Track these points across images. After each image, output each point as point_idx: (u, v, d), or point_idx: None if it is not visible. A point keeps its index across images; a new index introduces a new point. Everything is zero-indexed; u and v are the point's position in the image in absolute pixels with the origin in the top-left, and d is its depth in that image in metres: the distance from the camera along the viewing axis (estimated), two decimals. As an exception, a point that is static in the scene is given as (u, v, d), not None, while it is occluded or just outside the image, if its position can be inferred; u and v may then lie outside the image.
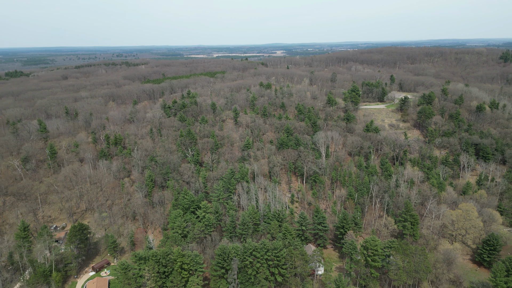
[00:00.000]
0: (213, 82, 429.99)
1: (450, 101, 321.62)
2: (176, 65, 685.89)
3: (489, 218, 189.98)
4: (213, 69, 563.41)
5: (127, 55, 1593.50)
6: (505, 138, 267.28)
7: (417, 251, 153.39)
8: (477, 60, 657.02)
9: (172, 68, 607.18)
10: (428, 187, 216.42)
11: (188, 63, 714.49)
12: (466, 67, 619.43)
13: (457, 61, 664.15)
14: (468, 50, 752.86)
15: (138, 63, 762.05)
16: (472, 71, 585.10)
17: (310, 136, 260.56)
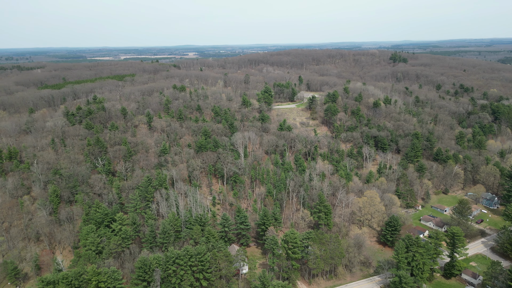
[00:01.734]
0: (122, 85, 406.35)
1: (351, 98, 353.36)
2: (78, 68, 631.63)
3: (390, 202, 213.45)
4: (121, 72, 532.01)
5: (19, 58, 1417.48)
6: (398, 130, 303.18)
7: (332, 239, 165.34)
8: (372, 61, 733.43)
9: (74, 72, 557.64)
10: (338, 178, 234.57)
11: (93, 66, 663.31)
12: (363, 67, 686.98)
13: (355, 62, 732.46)
14: (364, 52, 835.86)
15: (33, 67, 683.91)
16: (368, 71, 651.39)
17: (228, 138, 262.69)
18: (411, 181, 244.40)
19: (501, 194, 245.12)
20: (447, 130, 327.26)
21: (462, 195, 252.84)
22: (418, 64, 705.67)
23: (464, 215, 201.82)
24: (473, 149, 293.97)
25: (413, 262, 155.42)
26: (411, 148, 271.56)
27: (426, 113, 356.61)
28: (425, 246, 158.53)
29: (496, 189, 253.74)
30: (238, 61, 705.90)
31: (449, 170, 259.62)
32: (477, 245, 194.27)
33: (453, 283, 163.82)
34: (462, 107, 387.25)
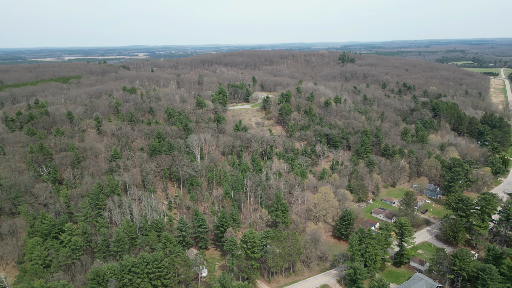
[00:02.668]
0: (67, 88, 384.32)
1: (303, 98, 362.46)
2: (17, 70, 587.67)
3: (343, 197, 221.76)
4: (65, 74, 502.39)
5: None
6: (348, 128, 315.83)
7: (289, 236, 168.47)
8: (322, 61, 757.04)
9: (12, 74, 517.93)
10: (293, 176, 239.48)
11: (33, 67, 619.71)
12: (314, 68, 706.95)
13: (306, 63, 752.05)
14: (314, 53, 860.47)
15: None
16: (319, 71, 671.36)
17: (183, 140, 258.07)
18: (362, 176, 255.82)
19: (442, 185, 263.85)
20: (393, 126, 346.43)
21: (408, 187, 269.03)
22: (365, 64, 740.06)
23: (410, 206, 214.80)
24: (417, 144, 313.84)
25: (366, 254, 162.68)
26: (361, 145, 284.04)
27: (374, 110, 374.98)
28: (376, 238, 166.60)
29: (438, 180, 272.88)
30: (191, 61, 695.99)
31: (396, 164, 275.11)
32: (423, 233, 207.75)
33: (402, 271, 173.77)
34: (405, 104, 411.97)
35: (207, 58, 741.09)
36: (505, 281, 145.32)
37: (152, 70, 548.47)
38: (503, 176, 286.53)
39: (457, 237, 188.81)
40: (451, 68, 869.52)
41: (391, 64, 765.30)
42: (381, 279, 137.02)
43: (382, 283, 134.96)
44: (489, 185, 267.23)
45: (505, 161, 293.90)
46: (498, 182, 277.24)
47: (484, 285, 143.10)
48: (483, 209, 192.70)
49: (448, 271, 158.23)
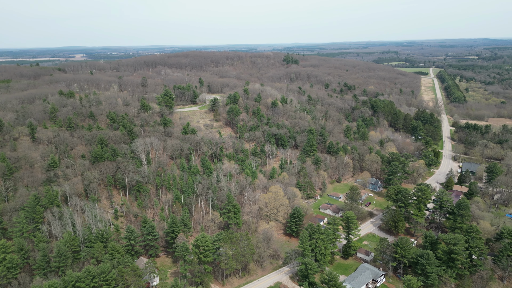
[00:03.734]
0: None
1: (251, 99, 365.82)
2: None
3: (292, 195, 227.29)
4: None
5: None
6: (295, 127, 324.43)
7: (242, 237, 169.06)
8: (267, 63, 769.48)
9: None
10: (244, 177, 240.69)
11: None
12: (260, 69, 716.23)
13: (252, 64, 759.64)
14: (260, 54, 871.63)
15: None
16: (265, 72, 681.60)
17: (127, 145, 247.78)
18: (310, 174, 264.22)
19: (383, 178, 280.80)
20: (336, 124, 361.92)
21: (352, 182, 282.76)
22: (308, 65, 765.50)
23: (355, 200, 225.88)
24: (359, 140, 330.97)
25: (316, 249, 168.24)
26: (307, 143, 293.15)
27: (318, 110, 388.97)
28: (325, 232, 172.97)
29: (379, 174, 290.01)
30: (134, 63, 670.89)
31: (340, 161, 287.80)
32: (368, 225, 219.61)
33: (350, 263, 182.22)
34: (347, 103, 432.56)
35: (151, 59, 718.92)
36: (441, 265, 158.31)
37: (92, 72, 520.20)
38: (435, 168, 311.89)
39: (397, 226, 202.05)
40: (387, 68, 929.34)
41: (333, 65, 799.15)
42: (331, 272, 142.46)
43: (332, 276, 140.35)
44: (423, 177, 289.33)
45: (436, 154, 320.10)
46: (431, 173, 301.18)
47: (423, 270, 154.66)
48: (419, 199, 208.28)
49: (391, 259, 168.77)
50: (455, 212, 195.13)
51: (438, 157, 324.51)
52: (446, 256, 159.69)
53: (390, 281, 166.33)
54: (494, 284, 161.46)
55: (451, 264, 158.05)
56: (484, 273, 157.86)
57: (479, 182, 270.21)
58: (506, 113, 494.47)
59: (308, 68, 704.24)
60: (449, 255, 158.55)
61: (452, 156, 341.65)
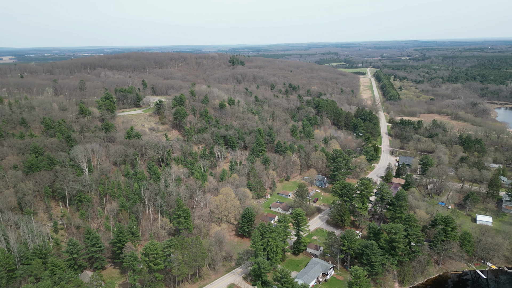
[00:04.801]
0: None
1: (198, 101, 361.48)
2: None
3: (243, 196, 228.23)
4: None
5: None
6: (243, 128, 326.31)
7: (193, 241, 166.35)
8: (213, 64, 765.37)
9: None
10: (194, 180, 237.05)
11: None
12: (206, 70, 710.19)
13: (198, 65, 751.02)
14: (205, 55, 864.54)
15: None
16: (211, 73, 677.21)
17: (66, 153, 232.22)
18: (259, 173, 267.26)
19: (328, 175, 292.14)
20: (283, 124, 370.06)
21: (300, 180, 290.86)
22: (254, 66, 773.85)
23: (303, 197, 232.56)
24: (304, 139, 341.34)
25: (268, 247, 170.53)
26: (256, 144, 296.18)
27: (265, 110, 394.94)
28: (276, 231, 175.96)
29: (325, 170, 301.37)
30: (70, 65, 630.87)
31: (288, 159, 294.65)
32: (316, 220, 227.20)
33: (301, 258, 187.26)
34: (292, 103, 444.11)
35: (89, 61, 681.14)
36: (384, 253, 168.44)
37: (22, 75, 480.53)
38: (376, 162, 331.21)
39: (343, 220, 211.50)
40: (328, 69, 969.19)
41: (277, 66, 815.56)
42: (283, 269, 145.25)
43: (284, 273, 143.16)
44: (365, 171, 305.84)
45: (376, 149, 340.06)
46: (372, 167, 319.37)
47: (368, 260, 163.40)
48: (362, 193, 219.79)
49: (338, 252, 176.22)
50: (394, 203, 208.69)
51: (378, 152, 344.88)
52: (388, 245, 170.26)
53: (338, 273, 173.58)
54: (431, 267, 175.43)
55: (392, 252, 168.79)
56: (422, 258, 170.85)
57: (414, 174, 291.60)
58: (435, 109, 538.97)
59: (254, 69, 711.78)
60: (391, 244, 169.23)
61: (390, 150, 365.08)
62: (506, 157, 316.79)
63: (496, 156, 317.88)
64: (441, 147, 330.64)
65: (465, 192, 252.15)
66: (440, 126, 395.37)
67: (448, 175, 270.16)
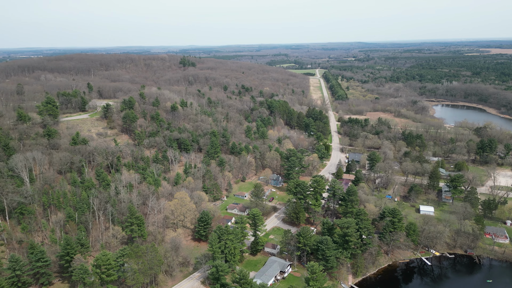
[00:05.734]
0: None
1: (148, 104, 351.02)
2: None
3: (199, 199, 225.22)
4: None
5: None
6: (197, 130, 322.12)
7: (148, 249, 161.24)
8: (163, 66, 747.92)
9: None
10: (146, 186, 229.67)
11: None
12: (156, 72, 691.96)
13: (147, 67, 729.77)
14: (154, 57, 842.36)
15: None
16: (161, 75, 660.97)
17: (3, 162, 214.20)
18: (215, 176, 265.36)
19: (283, 174, 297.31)
20: (237, 125, 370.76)
21: (256, 180, 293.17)
22: (206, 67, 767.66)
23: (259, 197, 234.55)
24: (259, 140, 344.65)
25: (225, 250, 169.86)
26: (210, 146, 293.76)
27: (219, 112, 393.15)
28: (233, 232, 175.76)
29: (279, 170, 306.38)
30: (5, 68, 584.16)
31: (243, 160, 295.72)
32: (272, 219, 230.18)
33: (259, 258, 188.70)
34: (246, 104, 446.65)
35: (27, 63, 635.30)
36: (338, 247, 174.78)
37: None
38: (327, 160, 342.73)
39: (299, 217, 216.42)
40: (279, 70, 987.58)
41: (229, 67, 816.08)
42: (241, 270, 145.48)
43: (243, 274, 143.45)
44: (317, 169, 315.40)
45: (327, 147, 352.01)
46: (324, 165, 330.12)
47: (323, 255, 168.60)
48: (315, 190, 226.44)
49: (295, 249, 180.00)
50: (346, 198, 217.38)
51: (329, 150, 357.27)
52: (341, 239, 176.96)
53: (296, 270, 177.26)
54: (381, 258, 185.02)
55: (346, 245, 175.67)
56: (373, 250, 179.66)
57: (363, 170, 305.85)
58: (380, 107, 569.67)
59: (205, 71, 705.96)
60: (344, 238, 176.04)
61: (340, 148, 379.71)
62: (444, 150, 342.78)
63: (435, 150, 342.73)
64: (387, 143, 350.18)
65: (409, 185, 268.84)
66: (385, 124, 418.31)
67: (393, 169, 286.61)
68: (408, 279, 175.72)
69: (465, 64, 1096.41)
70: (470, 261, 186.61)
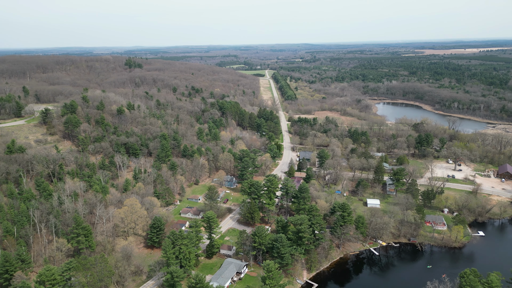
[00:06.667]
0: None
1: (92, 107, 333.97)
2: None
3: (150, 205, 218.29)
4: None
5: None
6: (146, 134, 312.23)
7: (97, 260, 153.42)
8: (107, 67, 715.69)
9: None
10: (93, 194, 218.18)
11: None
12: (99, 74, 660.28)
13: (89, 69, 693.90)
14: (97, 58, 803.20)
15: None
16: (105, 77, 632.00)
17: None
18: (167, 180, 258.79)
19: (237, 175, 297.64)
20: (188, 128, 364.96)
21: (210, 182, 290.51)
22: (153, 69, 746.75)
23: (213, 199, 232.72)
24: (211, 141, 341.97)
25: (180, 255, 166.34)
26: (161, 149, 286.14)
27: (169, 114, 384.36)
28: (188, 237, 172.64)
29: (233, 171, 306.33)
30: None
31: (196, 163, 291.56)
32: (227, 221, 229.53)
33: (215, 261, 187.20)
34: (196, 106, 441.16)
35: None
36: (292, 244, 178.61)
37: None
38: (279, 159, 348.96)
39: (253, 217, 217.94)
40: (229, 71, 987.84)
41: (178, 68, 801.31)
42: (197, 274, 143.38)
43: (199, 278, 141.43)
44: (270, 168, 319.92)
45: (279, 147, 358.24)
46: (276, 164, 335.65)
47: (278, 252, 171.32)
48: (269, 189, 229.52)
49: (251, 249, 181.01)
50: (298, 196, 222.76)
51: (281, 149, 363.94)
52: (295, 236, 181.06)
53: (252, 270, 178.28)
54: (333, 251, 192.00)
55: (300, 242, 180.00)
56: (325, 244, 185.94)
57: (314, 167, 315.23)
58: (327, 107, 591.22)
59: (153, 72, 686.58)
60: (298, 235, 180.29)
61: (291, 147, 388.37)
62: (387, 146, 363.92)
63: (379, 146, 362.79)
64: (334, 141, 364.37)
65: (356, 180, 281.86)
66: (332, 122, 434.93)
67: (341, 165, 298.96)
68: (359, 270, 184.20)
69: (402, 64, 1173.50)
70: (413, 249, 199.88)
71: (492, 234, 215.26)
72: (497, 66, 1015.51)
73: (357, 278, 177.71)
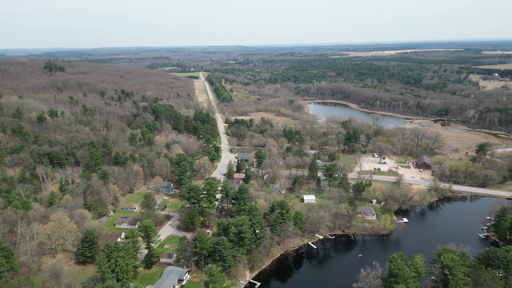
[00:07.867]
0: None
1: (8, 115, 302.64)
2: None
3: (81, 218, 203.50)
4: None
5: None
6: (73, 142, 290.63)
7: (21, 283, 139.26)
8: (24, 71, 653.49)
9: None
10: (13, 211, 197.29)
11: None
12: (15, 79, 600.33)
13: (3, 73, 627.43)
14: (11, 61, 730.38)
15: None
16: (22, 82, 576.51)
17: None
18: (98, 190, 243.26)
19: (174, 180, 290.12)
20: (120, 133, 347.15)
21: (146, 190, 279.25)
22: (77, 72, 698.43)
23: (150, 207, 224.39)
24: (145, 147, 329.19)
25: (116, 268, 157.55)
26: (90, 158, 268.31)
27: (97, 120, 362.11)
28: (124, 248, 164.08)
29: (170, 176, 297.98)
30: None
31: (130, 170, 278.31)
32: (166, 228, 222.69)
33: (155, 270, 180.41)
34: (128, 110, 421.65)
35: None
36: (234, 246, 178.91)
37: None
38: (218, 161, 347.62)
39: (194, 222, 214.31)
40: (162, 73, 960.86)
41: (105, 71, 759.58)
42: (136, 286, 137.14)
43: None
44: (209, 171, 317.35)
45: (217, 149, 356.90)
46: (215, 166, 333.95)
47: (220, 255, 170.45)
48: (209, 192, 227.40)
49: (192, 255, 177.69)
50: (238, 197, 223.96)
51: (219, 152, 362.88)
52: (237, 237, 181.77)
53: (194, 275, 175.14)
54: (274, 249, 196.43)
55: (241, 242, 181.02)
56: (266, 243, 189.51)
57: (252, 167, 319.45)
58: (262, 108, 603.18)
59: (77, 76, 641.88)
60: (239, 235, 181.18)
61: (229, 148, 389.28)
62: (319, 143, 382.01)
63: (312, 144, 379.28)
64: (271, 141, 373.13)
65: (293, 177, 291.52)
66: (267, 122, 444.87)
67: (278, 164, 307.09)
68: (299, 265, 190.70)
69: (330, 66, 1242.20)
70: (347, 239, 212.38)
71: (414, 220, 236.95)
72: (412, 67, 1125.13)
73: (297, 273, 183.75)
